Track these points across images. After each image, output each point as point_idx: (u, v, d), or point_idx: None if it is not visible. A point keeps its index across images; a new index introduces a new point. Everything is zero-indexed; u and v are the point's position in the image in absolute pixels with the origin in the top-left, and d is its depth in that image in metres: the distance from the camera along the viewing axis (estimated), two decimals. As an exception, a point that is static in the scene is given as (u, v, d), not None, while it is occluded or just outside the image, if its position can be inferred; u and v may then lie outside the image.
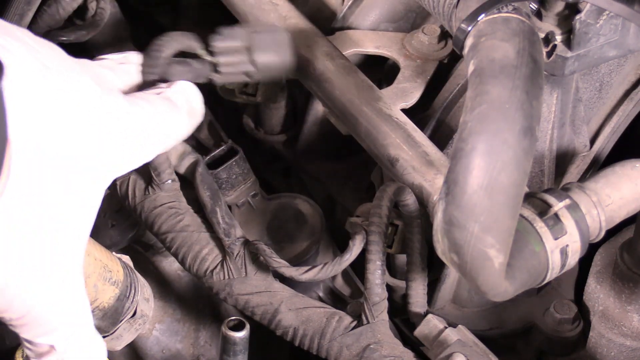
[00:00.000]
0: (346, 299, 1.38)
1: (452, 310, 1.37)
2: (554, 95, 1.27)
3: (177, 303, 1.36)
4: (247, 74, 1.10)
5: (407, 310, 1.23)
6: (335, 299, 1.38)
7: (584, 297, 1.28)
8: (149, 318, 1.16)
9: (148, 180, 1.26)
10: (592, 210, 1.09)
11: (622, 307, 1.25)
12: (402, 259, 1.30)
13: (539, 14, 1.21)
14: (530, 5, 1.18)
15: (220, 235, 1.19)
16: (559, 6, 1.20)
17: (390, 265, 1.34)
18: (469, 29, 1.05)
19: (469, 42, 1.05)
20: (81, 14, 1.49)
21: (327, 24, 1.47)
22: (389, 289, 1.27)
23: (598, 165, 1.36)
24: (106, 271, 1.06)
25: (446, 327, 1.16)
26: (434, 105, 1.38)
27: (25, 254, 0.84)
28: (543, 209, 1.07)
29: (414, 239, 1.21)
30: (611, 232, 1.22)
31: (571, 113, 1.31)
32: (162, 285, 1.35)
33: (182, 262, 1.22)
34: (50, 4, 1.44)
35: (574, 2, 1.17)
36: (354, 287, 1.39)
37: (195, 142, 1.35)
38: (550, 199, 1.08)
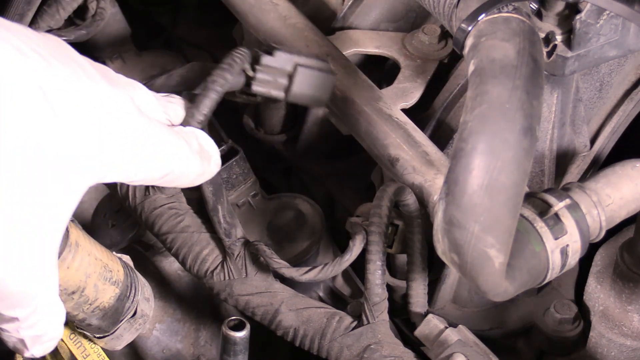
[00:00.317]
0: (346, 299, 1.37)
1: (453, 310, 1.37)
2: (554, 95, 1.27)
3: (177, 303, 1.36)
4: (276, 97, 1.10)
5: (407, 310, 1.23)
6: (336, 299, 1.38)
7: (584, 297, 1.28)
8: (149, 318, 1.16)
9: (148, 180, 1.25)
10: (593, 210, 1.09)
11: (622, 307, 1.25)
12: (402, 258, 1.30)
13: (539, 14, 1.21)
14: (531, 5, 1.18)
15: (220, 236, 1.19)
16: (559, 6, 1.20)
17: (390, 265, 1.34)
18: (469, 28, 1.05)
19: (469, 42, 1.05)
20: (81, 14, 1.49)
21: (327, 24, 1.47)
22: (390, 289, 1.27)
23: (598, 165, 1.36)
24: (106, 271, 1.05)
25: (446, 327, 1.16)
26: (434, 105, 1.38)
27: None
28: (543, 209, 1.07)
29: (414, 239, 1.21)
30: (611, 232, 1.22)
31: (571, 113, 1.31)
32: (162, 285, 1.35)
33: (182, 263, 1.22)
34: (50, 4, 1.44)
35: (574, 2, 1.18)
36: (354, 287, 1.39)
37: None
38: (551, 198, 1.08)
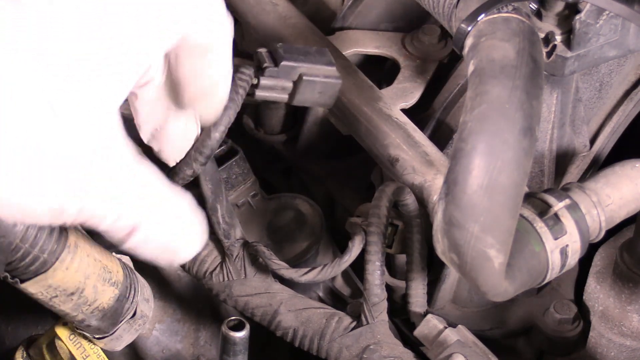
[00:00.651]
0: (346, 299, 1.37)
1: (452, 310, 1.37)
2: (554, 95, 1.27)
3: (177, 303, 1.36)
4: (279, 99, 1.09)
5: (407, 310, 1.23)
6: (336, 299, 1.38)
7: (584, 297, 1.28)
8: (149, 318, 1.16)
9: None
10: (592, 210, 1.09)
11: (622, 307, 1.25)
12: (402, 259, 1.30)
13: (539, 14, 1.21)
14: (530, 5, 1.18)
15: (219, 237, 1.19)
16: (559, 6, 1.20)
17: (390, 265, 1.34)
18: (469, 29, 1.05)
19: (468, 42, 1.05)
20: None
21: (327, 24, 1.47)
22: (389, 289, 1.27)
23: (598, 165, 1.36)
24: (106, 272, 1.05)
25: (446, 327, 1.16)
26: (434, 105, 1.38)
27: None
28: (543, 209, 1.07)
29: (413, 239, 1.20)
30: (611, 232, 1.22)
31: (571, 113, 1.30)
32: (162, 285, 1.35)
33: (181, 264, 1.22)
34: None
35: (574, 2, 1.17)
36: (354, 287, 1.39)
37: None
38: (550, 199, 1.08)
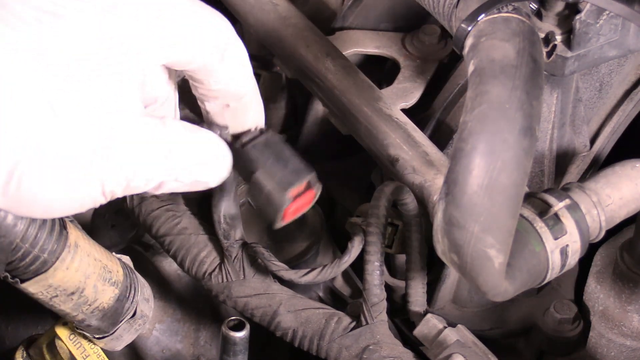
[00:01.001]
0: (346, 299, 1.37)
1: (452, 310, 1.37)
2: (554, 95, 1.27)
3: (177, 303, 1.36)
4: None
5: (406, 309, 1.23)
6: (335, 299, 1.38)
7: (584, 297, 1.28)
8: (149, 318, 1.16)
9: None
10: (592, 210, 1.09)
11: (622, 307, 1.25)
12: (402, 258, 1.30)
13: (539, 14, 1.21)
14: (530, 5, 1.17)
15: (219, 237, 1.19)
16: (559, 6, 1.20)
17: (390, 265, 1.34)
18: (469, 29, 1.05)
19: (469, 42, 1.05)
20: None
21: (327, 24, 1.47)
22: (389, 288, 1.27)
23: (598, 165, 1.36)
24: (106, 272, 1.05)
25: (445, 327, 1.16)
26: (434, 105, 1.38)
27: None
28: (543, 209, 1.07)
29: (413, 239, 1.20)
30: (611, 232, 1.22)
31: (571, 113, 1.30)
32: (162, 285, 1.35)
33: (180, 265, 1.22)
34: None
35: (574, 2, 1.17)
36: (354, 287, 1.39)
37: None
38: (550, 199, 1.08)
